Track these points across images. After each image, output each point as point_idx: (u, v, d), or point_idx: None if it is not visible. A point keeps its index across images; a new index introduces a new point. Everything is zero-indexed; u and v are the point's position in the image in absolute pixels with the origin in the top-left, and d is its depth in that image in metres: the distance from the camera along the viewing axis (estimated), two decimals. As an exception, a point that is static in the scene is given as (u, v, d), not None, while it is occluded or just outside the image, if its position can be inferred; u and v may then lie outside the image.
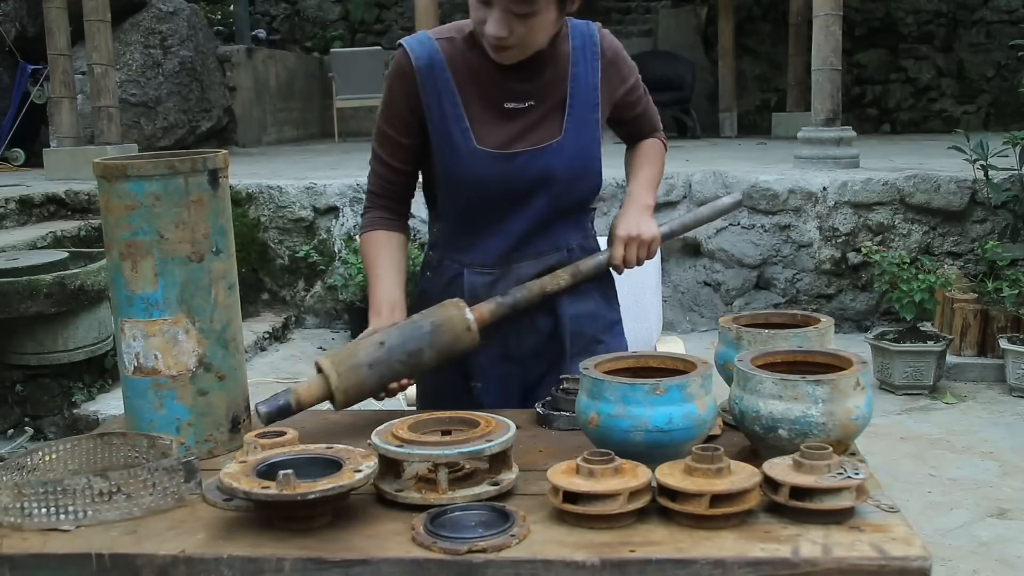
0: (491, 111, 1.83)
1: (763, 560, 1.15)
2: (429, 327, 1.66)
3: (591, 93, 1.88)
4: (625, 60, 1.96)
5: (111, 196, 1.50)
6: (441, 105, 1.82)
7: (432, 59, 1.82)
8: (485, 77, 1.82)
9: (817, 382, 1.34)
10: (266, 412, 1.57)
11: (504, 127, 1.83)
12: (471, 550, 1.17)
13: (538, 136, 1.84)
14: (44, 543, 1.26)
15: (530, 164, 1.83)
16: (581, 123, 1.86)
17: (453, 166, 1.84)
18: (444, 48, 1.83)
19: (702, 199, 5.81)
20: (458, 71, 1.82)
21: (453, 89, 1.82)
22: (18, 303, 4.11)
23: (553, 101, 1.85)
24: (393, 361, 1.62)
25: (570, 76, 1.86)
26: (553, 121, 1.85)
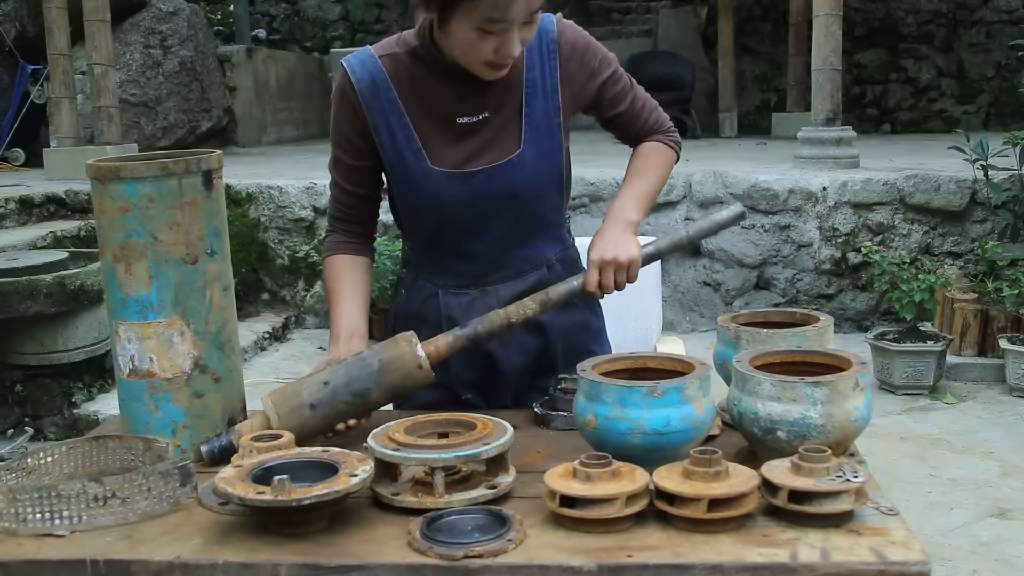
0: (443, 128, 1.74)
1: (761, 565, 1.14)
2: (377, 365, 1.57)
3: (550, 96, 1.76)
4: (594, 51, 1.79)
5: (104, 198, 1.49)
6: (389, 126, 1.73)
7: (374, 78, 1.73)
8: (433, 93, 1.73)
9: (816, 384, 1.34)
10: (207, 451, 1.53)
11: (459, 144, 1.74)
12: (467, 555, 1.16)
13: (496, 151, 1.74)
14: (38, 549, 1.26)
15: (490, 182, 1.74)
16: (541, 132, 1.76)
17: (410, 189, 1.77)
18: (387, 65, 1.74)
19: (702, 199, 5.80)
20: (404, 89, 1.73)
21: (400, 109, 1.73)
22: (18, 303, 4.11)
23: (509, 110, 1.74)
24: (337, 402, 1.55)
25: (524, 81, 1.74)
26: (510, 133, 1.74)
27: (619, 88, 1.84)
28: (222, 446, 1.53)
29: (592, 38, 1.81)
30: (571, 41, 1.77)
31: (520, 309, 1.66)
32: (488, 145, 1.74)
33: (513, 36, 1.58)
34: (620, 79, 1.85)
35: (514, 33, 1.58)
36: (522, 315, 1.65)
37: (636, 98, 1.88)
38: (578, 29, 1.81)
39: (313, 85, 11.96)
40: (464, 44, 1.60)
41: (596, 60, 1.80)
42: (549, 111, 1.76)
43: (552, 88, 1.75)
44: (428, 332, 1.70)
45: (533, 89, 1.74)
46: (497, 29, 1.56)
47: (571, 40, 1.77)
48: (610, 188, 5.82)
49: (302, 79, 11.71)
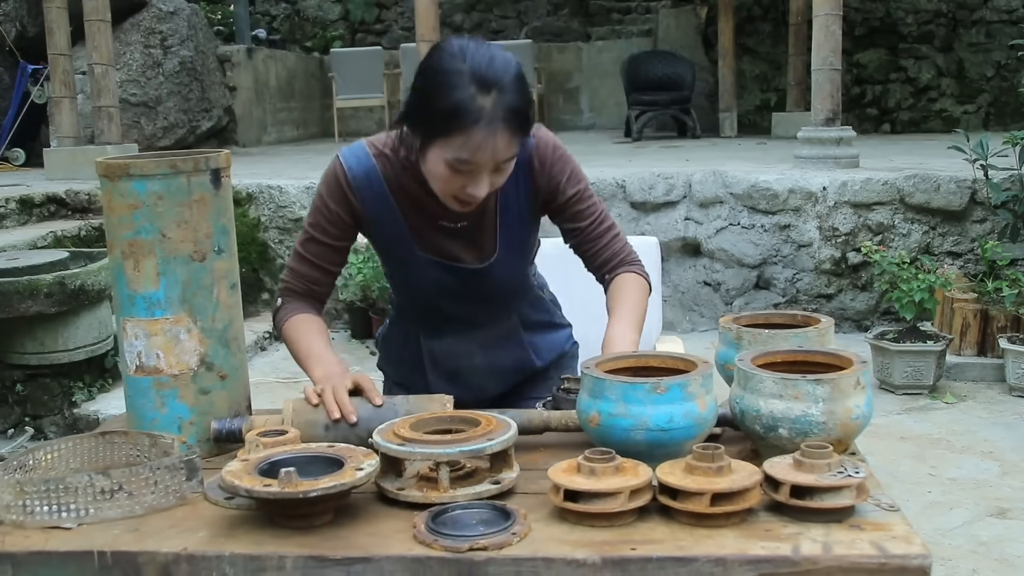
0: (429, 224, 1.85)
1: (764, 558, 1.15)
2: (403, 413, 1.56)
3: (523, 206, 1.87)
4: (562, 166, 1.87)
5: (113, 195, 1.50)
6: (380, 217, 1.84)
7: (368, 174, 1.82)
8: (419, 196, 1.82)
9: (817, 381, 1.35)
10: (216, 428, 1.55)
11: (443, 240, 1.87)
12: (472, 548, 1.17)
13: (476, 253, 1.88)
14: (46, 541, 1.27)
15: (469, 280, 1.90)
16: (515, 236, 1.90)
17: (397, 269, 1.94)
18: (380, 164, 1.83)
19: (702, 199, 5.81)
20: (394, 187, 1.83)
21: (392, 202, 1.83)
22: (18, 303, 4.11)
23: (486, 219, 1.86)
24: (352, 433, 1.54)
25: (499, 193, 1.82)
26: (488, 237, 1.88)
27: (584, 206, 1.90)
28: (231, 429, 1.55)
29: (568, 155, 1.90)
30: (543, 156, 1.85)
31: (563, 417, 1.57)
32: (468, 247, 1.88)
33: (481, 179, 1.68)
34: (587, 198, 1.91)
35: (482, 176, 1.68)
36: (562, 424, 1.58)
37: (601, 221, 1.92)
38: (552, 144, 1.88)
39: (313, 85, 11.97)
40: (436, 175, 1.70)
41: (564, 175, 1.88)
42: (523, 219, 1.89)
43: (525, 198, 1.87)
44: (410, 367, 2.01)
45: (507, 201, 1.86)
46: (465, 169, 1.66)
47: (543, 154, 1.85)
48: (609, 188, 5.84)
49: (302, 79, 11.72)
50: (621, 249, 1.93)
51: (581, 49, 11.88)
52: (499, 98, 1.62)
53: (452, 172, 1.67)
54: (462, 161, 1.65)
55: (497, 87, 1.62)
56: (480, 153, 1.63)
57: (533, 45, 10.80)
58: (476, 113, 1.60)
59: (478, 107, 1.60)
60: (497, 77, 1.63)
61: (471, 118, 1.60)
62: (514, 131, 1.65)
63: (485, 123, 1.61)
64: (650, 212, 5.88)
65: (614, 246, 1.92)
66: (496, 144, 1.63)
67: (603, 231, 1.92)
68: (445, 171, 1.67)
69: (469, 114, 1.60)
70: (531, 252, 2.00)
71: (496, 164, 1.67)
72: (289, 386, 5.02)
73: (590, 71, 11.74)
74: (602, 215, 1.93)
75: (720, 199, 5.79)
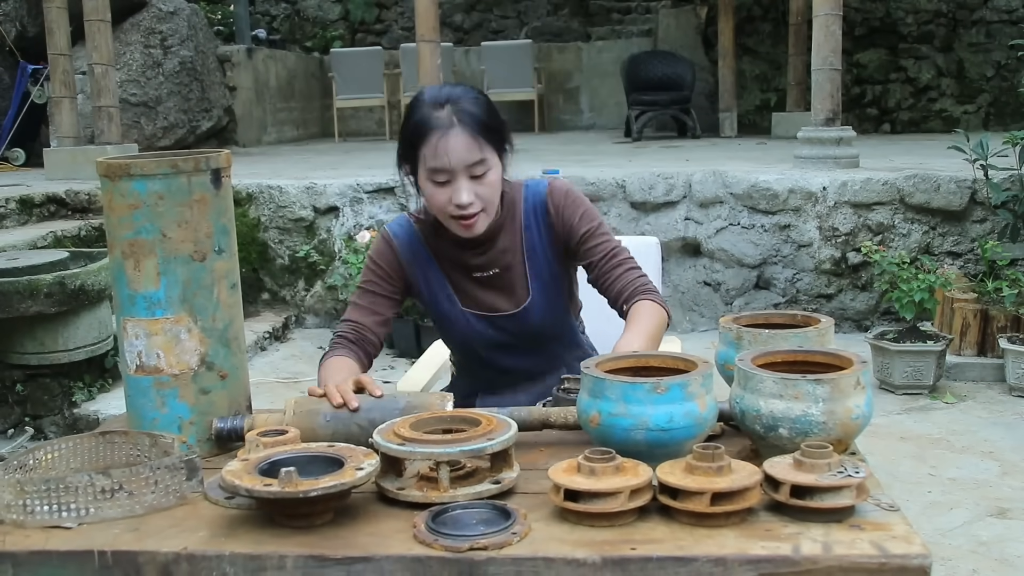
0: (466, 277, 2.03)
1: (764, 558, 1.15)
2: (403, 404, 1.58)
3: (547, 251, 2.02)
4: (574, 208, 2.01)
5: (114, 195, 1.50)
6: (426, 276, 2.02)
7: (411, 239, 2.03)
8: (453, 253, 2.01)
9: (817, 381, 1.35)
10: (218, 428, 1.57)
11: (482, 292, 2.02)
12: (472, 548, 1.17)
13: (511, 300, 2.03)
14: (46, 540, 1.27)
15: (510, 324, 2.03)
16: (545, 280, 2.03)
17: (445, 325, 2.07)
18: (421, 229, 2.03)
19: (702, 199, 5.81)
20: (433, 248, 2.03)
21: (434, 262, 2.02)
22: (18, 303, 4.11)
23: (515, 267, 2.02)
24: (352, 422, 1.55)
25: (523, 240, 2.01)
26: (520, 284, 2.02)
27: (596, 242, 2.01)
28: (233, 427, 1.56)
29: (581, 198, 2.04)
30: (556, 201, 2.02)
31: (562, 413, 1.59)
32: (504, 295, 2.03)
33: (460, 186, 1.85)
34: (599, 235, 2.02)
35: (460, 183, 1.85)
36: (561, 419, 1.59)
37: (614, 255, 2.01)
38: (566, 190, 2.04)
39: (313, 85, 11.97)
40: (431, 199, 1.90)
41: (576, 216, 2.02)
42: (549, 261, 2.03)
43: (547, 243, 2.02)
44: None
45: (531, 247, 2.02)
46: (443, 180, 1.85)
47: (556, 200, 2.02)
48: (610, 188, 5.84)
49: (302, 79, 11.72)
50: (636, 279, 1.99)
51: (581, 49, 11.88)
52: (452, 108, 1.85)
53: (436, 187, 1.86)
54: (436, 171, 1.84)
55: (450, 101, 1.86)
56: (445, 157, 1.83)
57: (533, 45, 10.80)
58: (433, 122, 1.84)
59: (434, 118, 1.84)
60: (450, 95, 1.87)
61: (428, 127, 1.84)
62: (473, 133, 1.84)
63: (441, 129, 1.83)
64: (650, 212, 5.88)
65: (628, 277, 1.99)
66: (456, 145, 1.82)
67: (616, 263, 2.00)
68: (432, 189, 1.87)
69: (427, 124, 1.84)
70: (565, 294, 2.09)
71: (467, 168, 1.84)
72: (289, 386, 5.03)
73: (590, 71, 11.74)
74: (615, 250, 2.02)
75: (720, 199, 5.79)
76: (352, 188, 6.05)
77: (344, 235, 6.02)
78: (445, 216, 1.90)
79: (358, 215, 6.03)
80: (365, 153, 8.88)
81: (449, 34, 12.13)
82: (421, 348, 2.80)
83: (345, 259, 5.78)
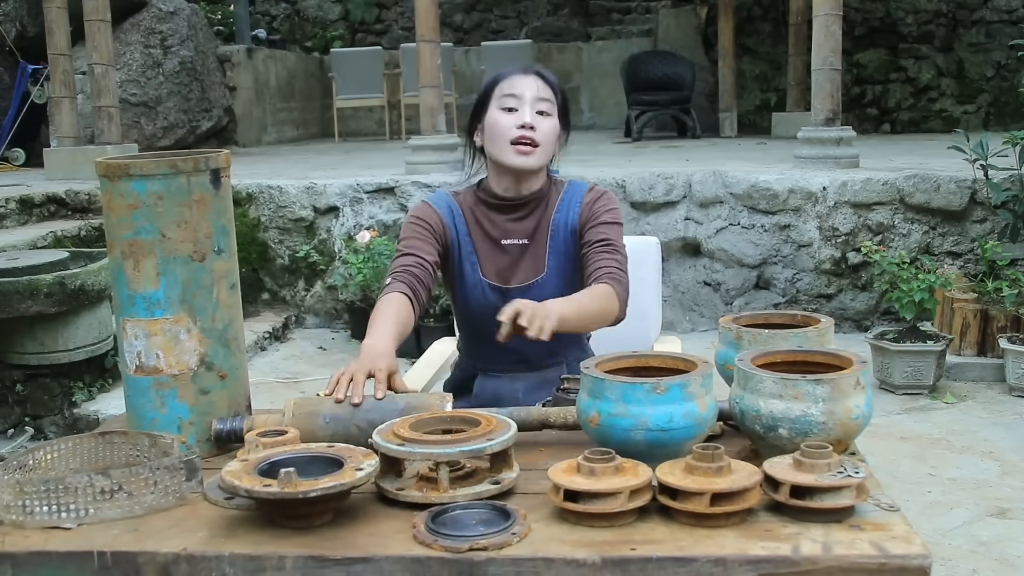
0: (493, 248, 2.17)
1: (764, 558, 1.15)
2: (402, 405, 1.58)
3: (569, 235, 2.15)
4: (603, 204, 2.16)
5: (113, 195, 1.50)
6: (458, 238, 2.17)
7: (451, 208, 2.19)
8: (489, 221, 2.18)
9: (817, 381, 1.35)
10: (218, 429, 1.57)
11: (503, 262, 2.17)
12: (472, 548, 1.17)
13: (528, 272, 2.15)
14: (46, 541, 1.27)
15: (521, 296, 1.99)
16: (562, 260, 2.15)
17: (462, 294, 2.18)
18: (459, 200, 2.20)
19: (702, 199, 5.81)
20: (468, 218, 2.19)
21: (467, 231, 2.18)
22: (18, 303, 4.11)
23: (541, 241, 2.16)
24: (352, 424, 1.55)
25: (552, 220, 2.16)
26: (539, 258, 2.16)
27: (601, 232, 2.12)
28: (233, 428, 1.56)
29: (615, 201, 2.19)
30: (593, 196, 2.19)
31: (561, 413, 1.60)
32: (523, 267, 2.16)
33: (525, 109, 2.09)
34: (609, 228, 2.12)
35: (527, 108, 2.09)
36: (560, 420, 1.59)
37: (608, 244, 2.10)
38: (605, 191, 2.21)
39: (313, 85, 11.97)
40: (495, 128, 2.10)
41: (603, 209, 2.15)
42: (568, 245, 2.15)
43: (572, 226, 2.16)
44: (462, 404, 2.10)
45: (557, 228, 2.16)
46: (512, 104, 2.09)
47: (593, 196, 2.19)
48: (610, 188, 5.82)
49: (302, 79, 11.72)
50: (612, 267, 2.07)
51: (581, 49, 11.87)
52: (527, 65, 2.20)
53: (504, 113, 2.09)
54: (508, 96, 2.10)
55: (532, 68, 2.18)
56: (521, 84, 2.10)
57: (533, 45, 10.80)
58: (512, 68, 2.18)
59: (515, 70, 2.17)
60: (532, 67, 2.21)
61: (508, 72, 2.16)
62: (547, 81, 2.14)
63: (519, 72, 2.15)
64: (650, 212, 5.88)
65: (607, 262, 2.07)
66: (531, 83, 2.11)
67: (606, 251, 2.09)
68: (499, 116, 2.10)
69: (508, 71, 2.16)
70: (577, 280, 2.15)
71: (535, 101, 2.09)
72: (289, 386, 5.02)
73: (590, 71, 11.74)
74: (610, 242, 2.11)
75: (720, 199, 5.79)
76: (352, 188, 6.05)
77: (344, 235, 6.02)
78: (505, 143, 2.08)
79: (358, 215, 6.02)
80: (365, 153, 8.88)
81: (449, 34, 12.13)
82: (421, 348, 2.79)
83: (345, 259, 5.77)
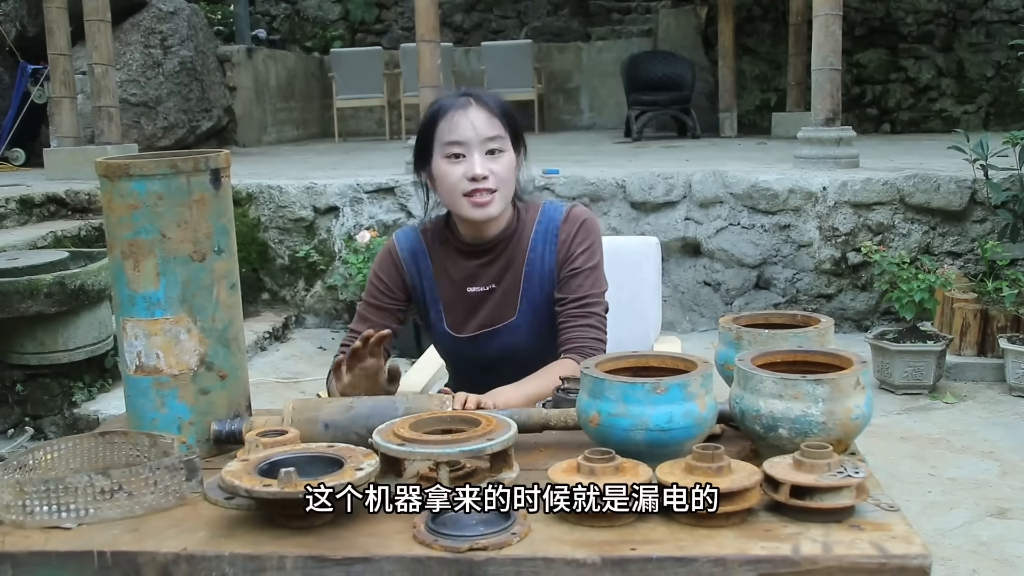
0: (459, 296, 2.03)
1: (764, 558, 1.15)
2: (402, 410, 1.56)
3: (546, 274, 2.00)
4: (581, 242, 1.97)
5: (113, 195, 1.50)
6: (423, 288, 2.05)
7: (415, 249, 2.05)
8: (455, 266, 2.03)
9: (817, 381, 1.35)
10: (216, 430, 1.57)
11: (468, 310, 2.02)
12: (472, 548, 1.17)
13: (495, 316, 2.01)
14: (46, 541, 1.27)
15: (489, 342, 2.02)
16: (536, 302, 2.00)
17: (432, 338, 2.13)
18: (427, 239, 2.06)
19: (702, 199, 5.81)
20: (435, 259, 2.04)
21: (432, 276, 2.04)
22: (18, 303, 4.11)
23: (511, 284, 2.01)
24: (351, 430, 1.53)
25: (526, 262, 2.00)
26: (510, 303, 2.01)
27: (579, 282, 1.97)
28: (231, 430, 1.56)
29: (594, 231, 2.01)
30: (569, 229, 2.01)
31: (561, 416, 1.57)
32: (491, 311, 2.02)
33: (474, 158, 1.88)
34: (587, 274, 1.97)
35: (475, 156, 1.88)
36: (561, 422, 1.57)
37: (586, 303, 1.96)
38: (583, 220, 2.01)
39: (313, 85, 11.97)
40: (444, 180, 1.91)
41: (580, 247, 1.99)
42: (544, 285, 2.00)
43: (549, 267, 2.00)
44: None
45: (532, 268, 2.00)
46: (458, 151, 1.89)
47: (569, 228, 2.01)
48: (609, 188, 5.84)
49: (302, 79, 11.72)
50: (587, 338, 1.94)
51: (581, 49, 11.87)
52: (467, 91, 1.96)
53: (451, 164, 1.89)
54: (451, 143, 1.89)
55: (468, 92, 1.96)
56: (462, 127, 1.89)
57: (533, 45, 10.80)
58: (448, 102, 1.93)
59: (452, 101, 1.93)
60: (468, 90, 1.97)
61: (445, 106, 1.92)
62: (490, 110, 1.91)
63: (457, 106, 1.91)
64: (650, 212, 5.88)
65: (581, 332, 1.94)
66: (473, 119, 1.89)
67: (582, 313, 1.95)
68: (446, 167, 1.90)
69: (443, 105, 1.93)
70: (550, 321, 2.01)
71: (483, 142, 1.88)
72: (289, 386, 5.02)
73: (590, 71, 11.74)
74: (588, 299, 1.96)
75: (720, 199, 5.79)
76: (352, 188, 6.05)
77: (344, 235, 6.02)
78: (458, 196, 1.90)
79: (358, 215, 6.02)
80: (365, 153, 8.88)
81: (449, 34, 12.13)
82: (421, 348, 2.80)
83: (345, 259, 5.78)
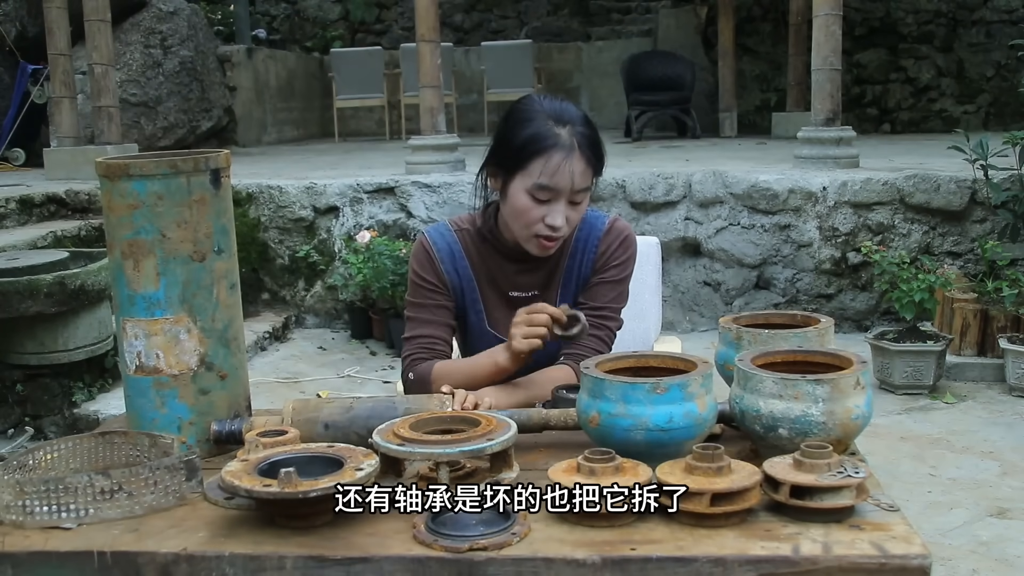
0: (500, 297, 1.99)
1: (764, 558, 1.15)
2: (402, 411, 1.56)
3: (580, 283, 1.99)
4: (618, 257, 1.97)
5: (113, 195, 1.50)
6: (461, 288, 1.98)
7: (451, 248, 1.98)
8: (495, 268, 1.98)
9: (817, 381, 1.35)
10: (216, 430, 1.57)
11: (508, 314, 1.90)
12: (472, 548, 1.17)
13: None
14: (46, 541, 1.27)
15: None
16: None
17: (468, 340, 2.04)
18: (462, 239, 1.99)
19: (702, 199, 5.81)
20: (473, 260, 1.98)
21: (471, 275, 1.98)
22: (18, 303, 4.11)
23: (551, 290, 1.99)
24: (351, 431, 1.54)
25: (563, 268, 1.98)
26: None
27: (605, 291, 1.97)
28: (231, 430, 1.56)
29: (632, 247, 2.00)
30: (610, 243, 1.99)
31: (561, 416, 1.57)
32: None
33: (559, 208, 1.81)
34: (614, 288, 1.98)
35: (560, 205, 1.81)
36: (561, 422, 1.58)
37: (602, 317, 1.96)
38: (625, 235, 2.00)
39: (313, 85, 11.97)
40: (518, 211, 1.83)
41: (615, 262, 1.98)
42: (576, 291, 1.99)
43: (584, 275, 1.99)
44: None
45: (569, 275, 1.99)
46: (545, 197, 1.80)
47: (610, 242, 1.99)
48: (610, 188, 5.84)
49: (302, 79, 11.72)
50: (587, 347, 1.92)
51: (581, 49, 11.88)
52: (573, 129, 1.81)
53: (533, 202, 1.81)
54: (542, 187, 1.79)
55: (571, 122, 1.82)
56: (559, 176, 1.79)
57: (533, 45, 10.80)
58: (553, 139, 1.79)
59: (555, 134, 1.80)
60: (570, 115, 1.83)
61: (549, 143, 1.79)
62: (588, 160, 1.81)
63: (562, 148, 1.79)
64: (650, 212, 5.88)
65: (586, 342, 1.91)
66: (573, 168, 1.79)
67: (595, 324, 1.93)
68: (526, 202, 1.81)
69: (547, 139, 1.79)
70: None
71: (572, 192, 1.81)
72: (289, 386, 5.03)
73: (590, 71, 11.74)
74: (606, 311, 1.97)
75: (720, 199, 5.79)
76: (352, 188, 6.05)
77: (344, 235, 6.02)
78: (528, 232, 1.85)
79: (358, 215, 6.02)
80: (365, 153, 8.88)
81: (449, 34, 12.13)
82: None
83: (345, 259, 5.78)
